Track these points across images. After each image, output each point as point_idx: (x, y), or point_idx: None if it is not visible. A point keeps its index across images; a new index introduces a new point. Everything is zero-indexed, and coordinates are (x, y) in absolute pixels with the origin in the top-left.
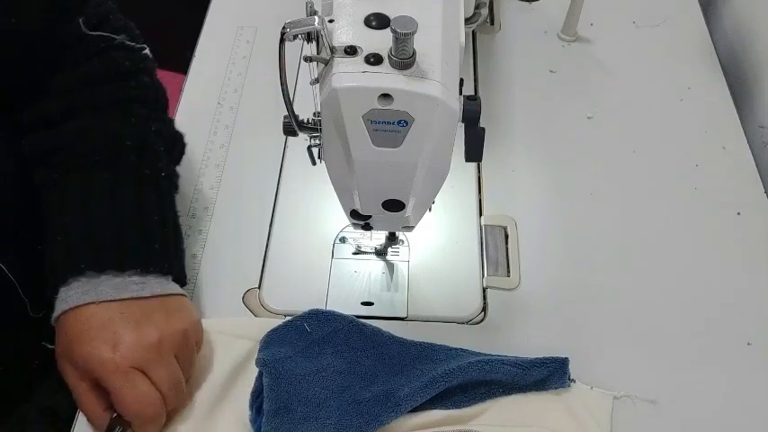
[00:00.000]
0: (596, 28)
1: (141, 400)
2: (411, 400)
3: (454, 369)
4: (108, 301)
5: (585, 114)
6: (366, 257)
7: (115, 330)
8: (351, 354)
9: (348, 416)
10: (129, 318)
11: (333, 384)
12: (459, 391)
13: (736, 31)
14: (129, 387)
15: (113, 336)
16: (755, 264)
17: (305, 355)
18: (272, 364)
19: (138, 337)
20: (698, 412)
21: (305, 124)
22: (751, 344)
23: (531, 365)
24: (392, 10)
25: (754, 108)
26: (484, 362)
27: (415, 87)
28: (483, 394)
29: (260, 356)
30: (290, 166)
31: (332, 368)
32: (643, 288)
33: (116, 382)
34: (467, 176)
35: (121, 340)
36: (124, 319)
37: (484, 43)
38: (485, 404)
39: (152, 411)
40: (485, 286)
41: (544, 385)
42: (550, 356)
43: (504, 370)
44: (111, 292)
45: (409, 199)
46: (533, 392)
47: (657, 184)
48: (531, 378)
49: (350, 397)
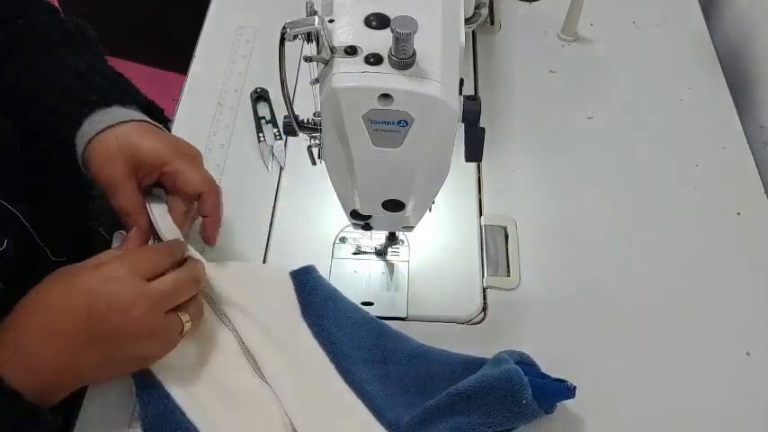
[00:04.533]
0: (596, 28)
1: (206, 178)
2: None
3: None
4: (137, 120)
5: (585, 114)
6: (366, 257)
7: (166, 136)
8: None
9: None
10: (163, 132)
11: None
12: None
13: (736, 31)
14: (194, 168)
15: (165, 136)
16: (755, 264)
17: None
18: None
19: (178, 140)
20: (698, 411)
21: (305, 124)
22: (750, 348)
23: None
24: (392, 10)
25: (754, 108)
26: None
27: (415, 87)
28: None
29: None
30: (290, 166)
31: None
32: (643, 288)
33: (184, 164)
34: (467, 176)
35: (173, 138)
36: (160, 132)
37: (484, 43)
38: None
39: (216, 189)
40: (485, 286)
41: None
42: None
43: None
44: (126, 115)
45: (409, 199)
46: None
47: (657, 184)
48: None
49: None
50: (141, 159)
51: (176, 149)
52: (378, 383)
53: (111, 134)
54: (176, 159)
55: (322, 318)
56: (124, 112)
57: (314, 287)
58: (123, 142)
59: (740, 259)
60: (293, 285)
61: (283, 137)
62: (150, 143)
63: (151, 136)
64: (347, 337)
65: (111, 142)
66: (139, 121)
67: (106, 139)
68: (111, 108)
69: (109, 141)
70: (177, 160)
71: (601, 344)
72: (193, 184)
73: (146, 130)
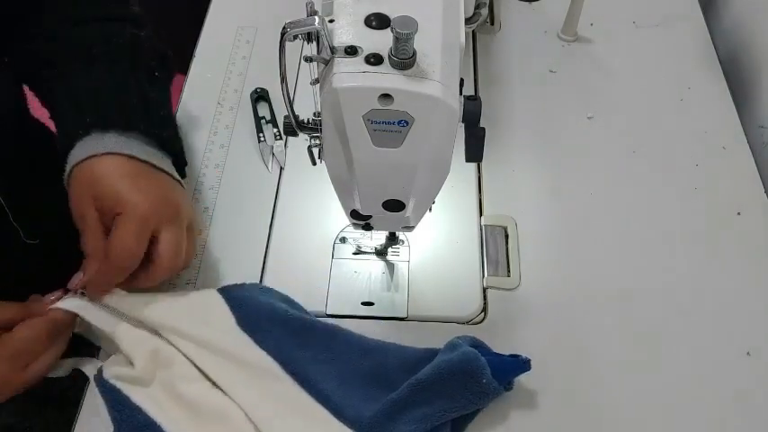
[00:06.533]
0: (596, 28)
1: (135, 250)
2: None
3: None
4: (126, 155)
5: (585, 114)
6: (366, 257)
7: (144, 182)
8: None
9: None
10: (151, 178)
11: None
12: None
13: (736, 31)
14: (135, 235)
15: (143, 186)
16: (755, 264)
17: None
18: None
19: (164, 195)
20: (698, 411)
21: (305, 124)
22: (751, 350)
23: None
24: (392, 10)
25: (754, 108)
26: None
27: (415, 87)
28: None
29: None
30: (290, 166)
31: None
32: (643, 288)
33: (130, 225)
34: (467, 176)
35: (150, 192)
36: (147, 176)
37: (484, 43)
38: None
39: (131, 264)
40: (485, 286)
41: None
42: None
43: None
44: (122, 147)
45: (409, 199)
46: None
47: (657, 184)
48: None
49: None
50: (100, 202)
51: (139, 203)
52: (333, 382)
53: (93, 165)
54: (128, 213)
55: (261, 327)
56: (119, 143)
57: (245, 298)
58: (96, 177)
59: (740, 259)
60: (224, 302)
61: (283, 137)
62: (115, 186)
63: (127, 179)
64: (291, 342)
65: (86, 176)
66: (129, 157)
67: (87, 170)
68: (108, 134)
69: (85, 174)
70: (127, 215)
71: (601, 344)
72: (115, 246)
73: (128, 169)
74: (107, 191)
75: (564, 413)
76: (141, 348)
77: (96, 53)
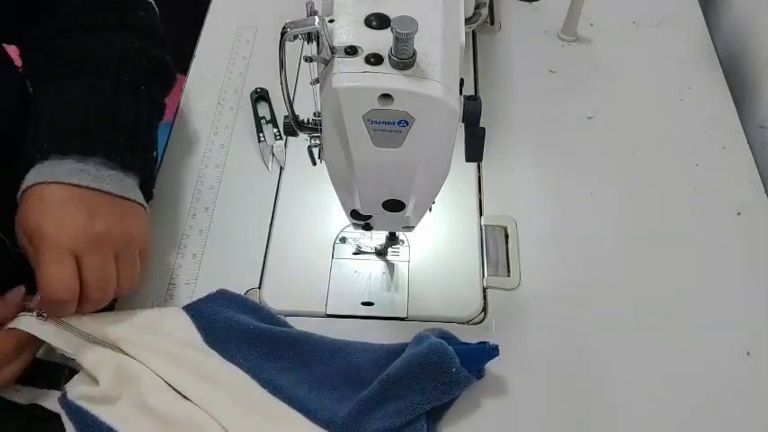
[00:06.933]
0: (596, 28)
1: (60, 282)
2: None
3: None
4: (67, 183)
5: (585, 114)
6: (366, 257)
7: (67, 211)
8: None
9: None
10: (84, 205)
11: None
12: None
13: (736, 31)
14: (55, 265)
15: (63, 215)
16: (755, 264)
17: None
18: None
19: (84, 224)
20: (698, 411)
21: (305, 124)
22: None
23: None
24: (392, 10)
25: (754, 108)
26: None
27: (415, 87)
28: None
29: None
30: (290, 166)
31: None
32: (643, 288)
33: (46, 256)
34: (467, 176)
35: (68, 221)
36: (79, 204)
37: (484, 43)
38: None
39: (64, 296)
40: (485, 286)
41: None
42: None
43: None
44: (68, 176)
45: (409, 199)
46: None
47: (657, 184)
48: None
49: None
50: (28, 233)
51: (51, 233)
52: (304, 387)
53: (34, 193)
54: (39, 246)
55: (228, 343)
56: (71, 171)
57: (210, 314)
58: (30, 207)
59: (740, 259)
60: (190, 319)
61: (283, 137)
62: (38, 217)
63: (55, 210)
64: (258, 353)
65: (26, 204)
66: (73, 185)
67: (29, 197)
68: (65, 160)
69: (27, 201)
70: (39, 248)
71: (601, 344)
72: (41, 283)
73: (65, 199)
74: (31, 222)
75: (564, 413)
76: (105, 365)
77: (76, 67)
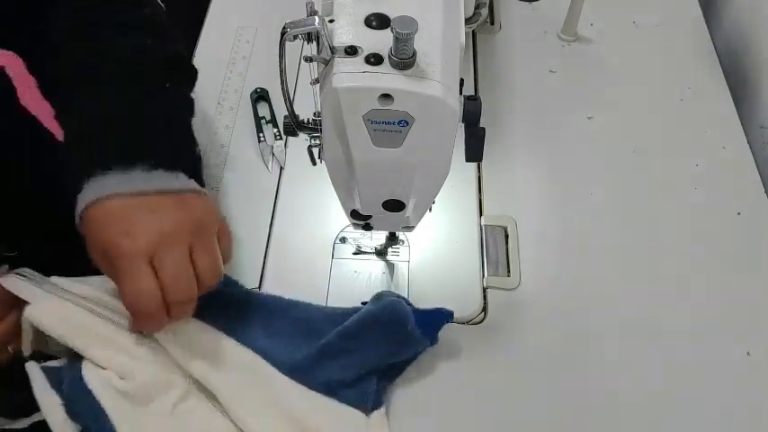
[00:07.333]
0: (596, 28)
1: (143, 293)
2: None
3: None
4: (122, 194)
5: (585, 114)
6: (366, 257)
7: (130, 219)
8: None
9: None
10: (146, 208)
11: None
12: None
13: (736, 31)
14: (135, 279)
15: (128, 223)
16: (755, 264)
17: None
18: None
19: (149, 223)
20: (698, 411)
21: (305, 124)
22: (751, 351)
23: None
24: (392, 10)
25: (754, 108)
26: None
27: (415, 87)
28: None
29: None
30: (290, 166)
31: None
32: (642, 288)
33: (125, 271)
34: (467, 176)
35: (134, 226)
36: (141, 209)
37: (484, 43)
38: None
39: (150, 308)
40: (485, 286)
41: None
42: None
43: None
44: (120, 186)
45: (409, 199)
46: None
47: (657, 183)
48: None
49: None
50: (101, 254)
51: (121, 245)
52: (260, 332)
53: (95, 211)
54: (119, 259)
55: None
56: (121, 181)
57: None
58: (97, 227)
59: (740, 259)
60: None
61: (283, 137)
62: (103, 236)
63: (115, 224)
64: (216, 305)
65: (90, 225)
66: (128, 195)
67: (91, 216)
68: (109, 173)
69: (89, 223)
70: (115, 264)
71: (601, 344)
72: (122, 296)
73: (124, 210)
74: (101, 241)
75: (564, 412)
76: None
77: (98, 73)
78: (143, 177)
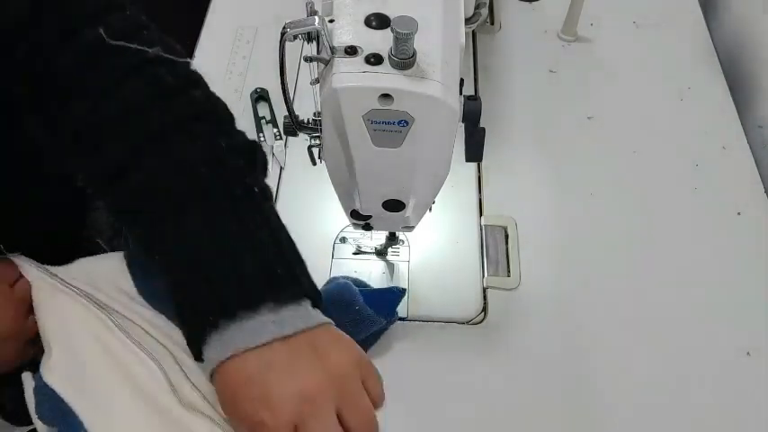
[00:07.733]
0: (596, 28)
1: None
2: None
3: None
4: (256, 347)
5: (585, 114)
6: (366, 257)
7: (263, 384)
8: None
9: None
10: (275, 366)
11: None
12: None
13: (736, 31)
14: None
15: (261, 391)
16: (755, 264)
17: None
18: None
19: (288, 388)
20: (698, 411)
21: (305, 124)
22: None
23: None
24: (392, 10)
25: (754, 108)
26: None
27: (415, 87)
28: None
29: None
30: (290, 166)
31: None
32: (642, 288)
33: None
34: (467, 176)
35: (270, 395)
36: (269, 368)
37: (484, 43)
38: None
39: None
40: (485, 286)
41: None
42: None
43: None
44: (247, 340)
45: (409, 199)
46: None
47: (657, 184)
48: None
49: None
50: (242, 427)
51: (265, 421)
52: None
53: (225, 376)
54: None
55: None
56: (243, 335)
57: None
58: (224, 402)
59: (740, 259)
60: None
61: (283, 137)
62: (239, 414)
63: (261, 385)
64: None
65: (224, 392)
66: (262, 346)
67: (222, 381)
68: (230, 327)
69: (220, 392)
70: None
71: (601, 344)
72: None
73: (262, 366)
74: (244, 414)
75: (564, 412)
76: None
77: (180, 201)
78: (272, 320)
